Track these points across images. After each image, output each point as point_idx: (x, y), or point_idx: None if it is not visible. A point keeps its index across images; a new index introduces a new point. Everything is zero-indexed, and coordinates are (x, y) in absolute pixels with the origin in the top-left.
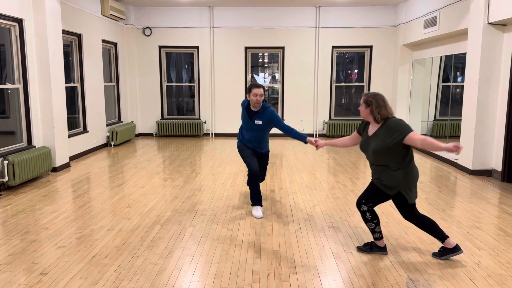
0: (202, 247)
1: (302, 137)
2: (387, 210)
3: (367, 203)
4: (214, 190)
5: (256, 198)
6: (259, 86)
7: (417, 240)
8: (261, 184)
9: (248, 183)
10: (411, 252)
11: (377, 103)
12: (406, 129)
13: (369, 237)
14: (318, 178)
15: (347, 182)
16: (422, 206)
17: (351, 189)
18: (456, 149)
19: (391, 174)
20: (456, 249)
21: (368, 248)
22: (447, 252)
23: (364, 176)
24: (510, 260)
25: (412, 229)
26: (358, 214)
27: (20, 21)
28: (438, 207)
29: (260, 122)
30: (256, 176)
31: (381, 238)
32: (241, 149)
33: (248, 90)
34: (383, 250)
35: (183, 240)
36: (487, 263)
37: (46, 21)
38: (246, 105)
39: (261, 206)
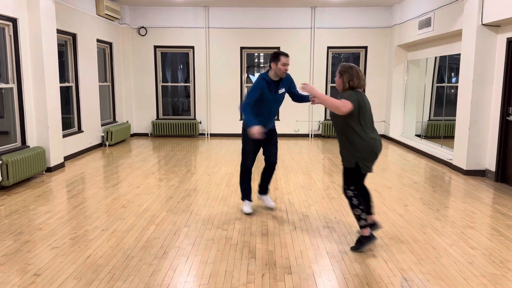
0: (197, 247)
1: (306, 98)
2: (381, 210)
3: (348, 186)
4: (209, 190)
5: (246, 192)
6: (286, 54)
7: (411, 239)
8: (255, 184)
9: (242, 177)
10: (405, 252)
11: (349, 72)
12: (345, 98)
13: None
14: (313, 178)
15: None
16: (417, 206)
17: None
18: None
19: (345, 146)
20: (372, 237)
21: (359, 244)
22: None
23: None
24: (504, 260)
25: (406, 229)
26: (352, 214)
27: (14, 20)
28: (432, 207)
29: (283, 90)
30: (249, 173)
31: (366, 226)
32: (247, 139)
33: (274, 58)
34: (371, 238)
35: (178, 240)
36: (480, 262)
37: (40, 21)
38: (267, 79)
39: (251, 201)
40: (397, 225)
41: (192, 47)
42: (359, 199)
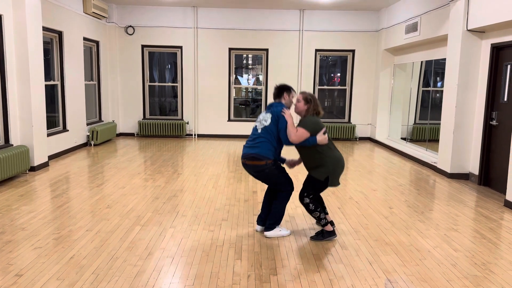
0: (182, 248)
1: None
2: (366, 212)
3: (308, 194)
4: (196, 191)
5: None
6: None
7: (395, 241)
8: (242, 186)
9: (285, 203)
10: (390, 254)
11: (315, 101)
12: (305, 124)
13: (347, 238)
14: (300, 180)
15: None
16: (401, 208)
17: (332, 191)
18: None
19: (316, 161)
20: (333, 233)
21: (320, 236)
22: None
23: (345, 178)
24: (486, 262)
25: (391, 231)
26: (338, 216)
27: None
28: (417, 210)
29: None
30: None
31: (327, 223)
32: (277, 166)
33: (288, 90)
34: (333, 234)
35: (164, 241)
36: (463, 264)
37: (26, 17)
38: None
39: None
40: (382, 227)
41: (180, 47)
42: (315, 203)
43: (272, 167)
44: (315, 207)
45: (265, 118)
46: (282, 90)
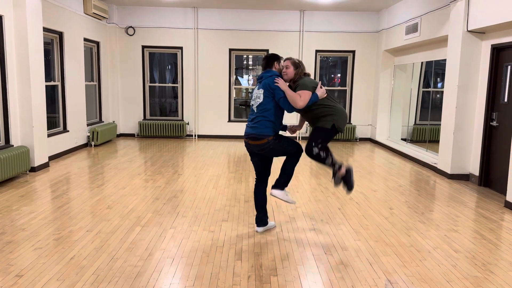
0: (182, 249)
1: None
2: (367, 213)
3: (317, 143)
4: (196, 191)
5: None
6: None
7: (396, 242)
8: (242, 186)
9: (296, 163)
10: (390, 255)
11: (302, 64)
12: (304, 85)
13: (347, 239)
14: (300, 181)
15: (329, 185)
16: (402, 209)
17: (333, 192)
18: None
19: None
20: (350, 171)
21: (349, 182)
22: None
23: None
24: (486, 263)
25: (391, 232)
26: (339, 217)
27: None
28: (417, 210)
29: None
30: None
31: (341, 165)
32: (280, 137)
33: (278, 60)
34: (351, 171)
35: (164, 242)
36: (464, 265)
37: (26, 18)
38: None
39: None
40: (382, 228)
41: (181, 48)
42: (325, 151)
43: (275, 141)
44: (326, 153)
45: (258, 95)
46: (272, 60)
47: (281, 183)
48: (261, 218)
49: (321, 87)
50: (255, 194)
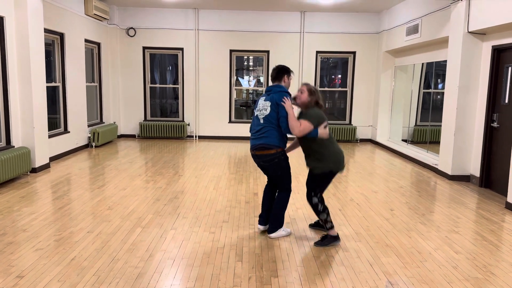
0: (183, 250)
1: None
2: (367, 214)
3: (316, 193)
4: (197, 192)
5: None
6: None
7: (396, 243)
8: (243, 187)
9: (285, 205)
10: (391, 256)
11: (318, 93)
12: (310, 117)
13: (348, 240)
14: (301, 182)
15: (329, 186)
16: (402, 210)
17: (333, 193)
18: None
19: (315, 157)
20: (338, 238)
21: (325, 241)
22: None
23: (346, 180)
24: (487, 264)
25: (392, 233)
26: (339, 218)
27: (0, 19)
28: (417, 212)
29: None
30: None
31: (332, 227)
32: (287, 160)
33: (288, 72)
34: (337, 239)
35: (164, 243)
36: (464, 267)
37: (27, 19)
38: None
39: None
40: (383, 229)
41: (181, 49)
42: (324, 205)
43: (282, 157)
44: (324, 208)
45: (264, 107)
46: (282, 72)
47: (276, 227)
48: (265, 218)
49: (325, 127)
50: (264, 192)
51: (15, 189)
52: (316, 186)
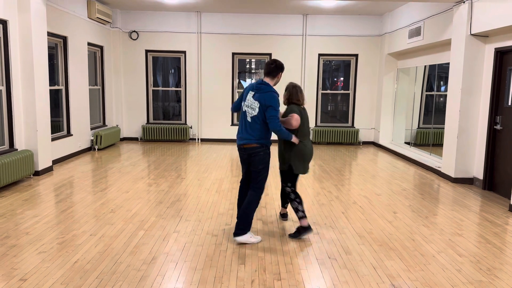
0: (186, 253)
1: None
2: (370, 217)
3: (286, 184)
4: (199, 195)
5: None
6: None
7: (400, 246)
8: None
9: (256, 205)
10: (394, 259)
11: (289, 91)
12: (294, 110)
13: (351, 243)
14: (303, 185)
15: (332, 189)
16: (405, 213)
17: (336, 196)
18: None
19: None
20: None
21: (297, 233)
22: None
23: (349, 183)
24: (491, 267)
25: (395, 236)
26: (342, 221)
27: (4, 22)
28: (421, 214)
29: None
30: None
31: (303, 217)
32: (268, 161)
33: (281, 69)
34: (309, 229)
35: (167, 246)
36: (468, 270)
37: (31, 23)
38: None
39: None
40: (386, 232)
41: (184, 52)
42: (296, 194)
43: (267, 151)
44: (295, 196)
45: (253, 106)
46: (279, 69)
47: (244, 228)
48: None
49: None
50: (239, 199)
51: (18, 192)
52: (288, 180)
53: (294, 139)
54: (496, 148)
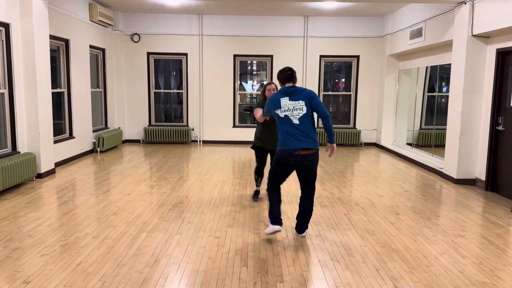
0: (188, 255)
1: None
2: (373, 218)
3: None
4: (201, 197)
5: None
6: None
7: (402, 248)
8: (247, 192)
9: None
10: (397, 260)
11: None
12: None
13: (353, 245)
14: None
15: (334, 190)
16: (408, 214)
17: (338, 197)
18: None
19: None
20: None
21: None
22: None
23: (351, 185)
24: (494, 269)
25: (397, 237)
26: (344, 222)
27: (6, 26)
28: (423, 216)
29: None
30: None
31: (257, 186)
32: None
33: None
34: (254, 195)
35: (170, 248)
36: (471, 271)
37: (33, 26)
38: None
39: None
40: (389, 234)
41: (186, 54)
42: (257, 169)
43: (318, 157)
44: (256, 169)
45: (297, 107)
46: (295, 74)
47: (307, 222)
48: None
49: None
50: (275, 193)
51: (21, 194)
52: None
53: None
54: (498, 149)
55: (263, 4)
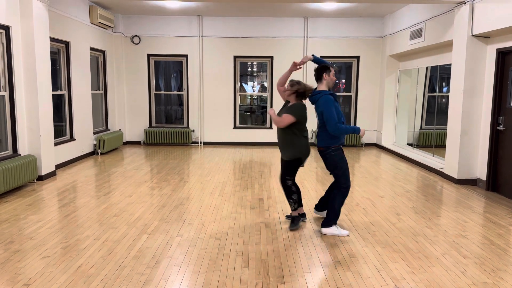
0: (189, 256)
1: None
2: (374, 219)
3: (289, 178)
4: (202, 199)
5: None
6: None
7: (403, 248)
8: (248, 193)
9: (341, 201)
10: (398, 261)
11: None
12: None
13: (354, 246)
14: (306, 187)
15: None
16: (409, 214)
17: None
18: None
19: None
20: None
21: (295, 224)
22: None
23: (352, 185)
24: (495, 269)
25: (398, 238)
26: (345, 223)
27: (7, 28)
28: (424, 216)
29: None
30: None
31: (300, 207)
32: (341, 156)
33: (326, 69)
34: (302, 216)
35: (171, 250)
36: (472, 271)
37: (33, 28)
38: (330, 93)
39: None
40: (390, 234)
41: (186, 56)
42: (296, 187)
43: (332, 153)
44: (296, 189)
45: (317, 112)
46: (321, 71)
47: (329, 221)
48: (318, 205)
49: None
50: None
51: (22, 197)
52: (287, 169)
53: (363, 131)
54: (499, 149)
55: (263, 5)
